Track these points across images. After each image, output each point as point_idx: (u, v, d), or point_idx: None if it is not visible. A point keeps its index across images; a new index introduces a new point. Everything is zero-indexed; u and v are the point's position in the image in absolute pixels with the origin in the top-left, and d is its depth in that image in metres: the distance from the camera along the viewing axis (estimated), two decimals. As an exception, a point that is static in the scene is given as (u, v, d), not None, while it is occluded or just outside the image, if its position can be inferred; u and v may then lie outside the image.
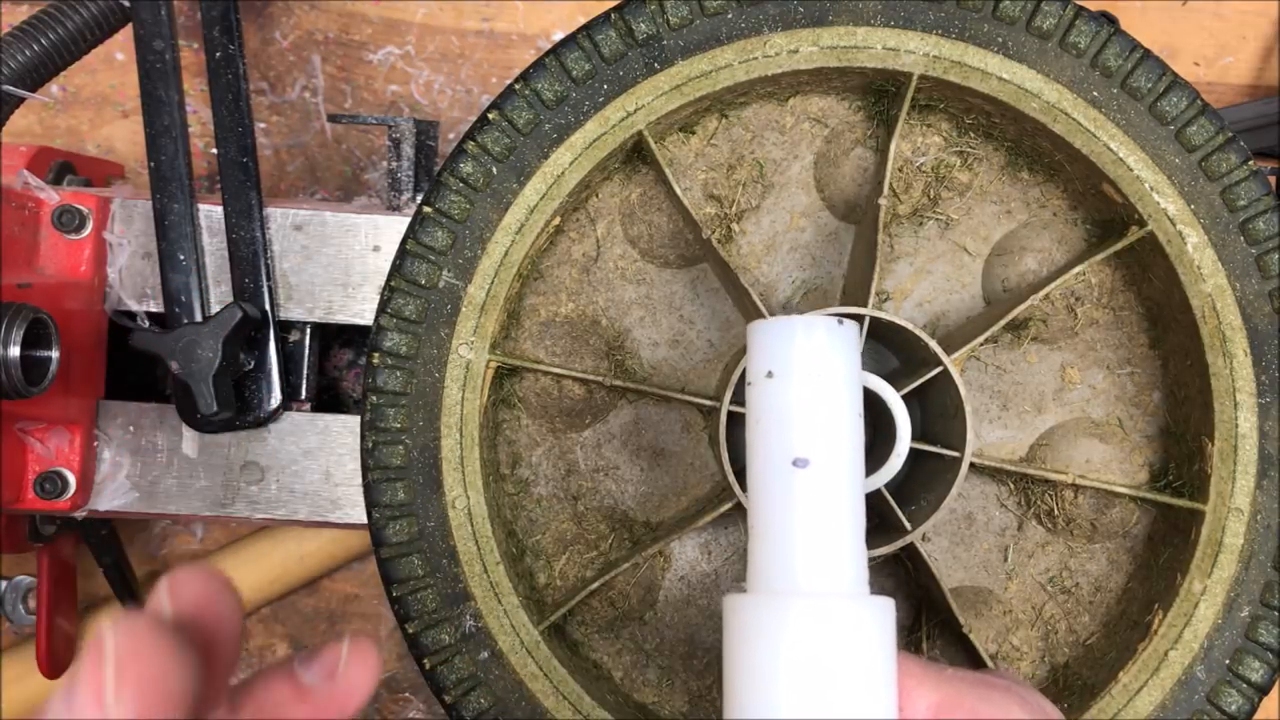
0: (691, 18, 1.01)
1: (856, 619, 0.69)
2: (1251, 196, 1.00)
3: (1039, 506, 1.08)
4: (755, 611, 0.70)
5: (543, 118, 1.01)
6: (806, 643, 0.69)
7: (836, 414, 0.71)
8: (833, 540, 0.70)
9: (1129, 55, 1.01)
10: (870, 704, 0.69)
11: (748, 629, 0.71)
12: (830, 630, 0.69)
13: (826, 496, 0.70)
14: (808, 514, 0.70)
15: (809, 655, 0.68)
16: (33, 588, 1.43)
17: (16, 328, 1.05)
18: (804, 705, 0.68)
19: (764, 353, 0.72)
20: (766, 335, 0.72)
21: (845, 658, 0.69)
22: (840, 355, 0.71)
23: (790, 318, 0.72)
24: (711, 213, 1.08)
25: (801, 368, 0.71)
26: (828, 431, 0.71)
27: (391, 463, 1.01)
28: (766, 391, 0.72)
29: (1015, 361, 1.09)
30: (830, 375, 0.71)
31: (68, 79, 1.56)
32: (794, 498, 0.70)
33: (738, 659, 0.71)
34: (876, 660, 0.70)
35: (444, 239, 1.01)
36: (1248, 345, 1.00)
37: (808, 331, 0.71)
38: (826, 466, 0.70)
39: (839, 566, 0.70)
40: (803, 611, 0.69)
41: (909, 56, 1.01)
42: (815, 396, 0.71)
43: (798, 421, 0.71)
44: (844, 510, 0.71)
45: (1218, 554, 1.00)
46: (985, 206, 1.09)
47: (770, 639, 0.70)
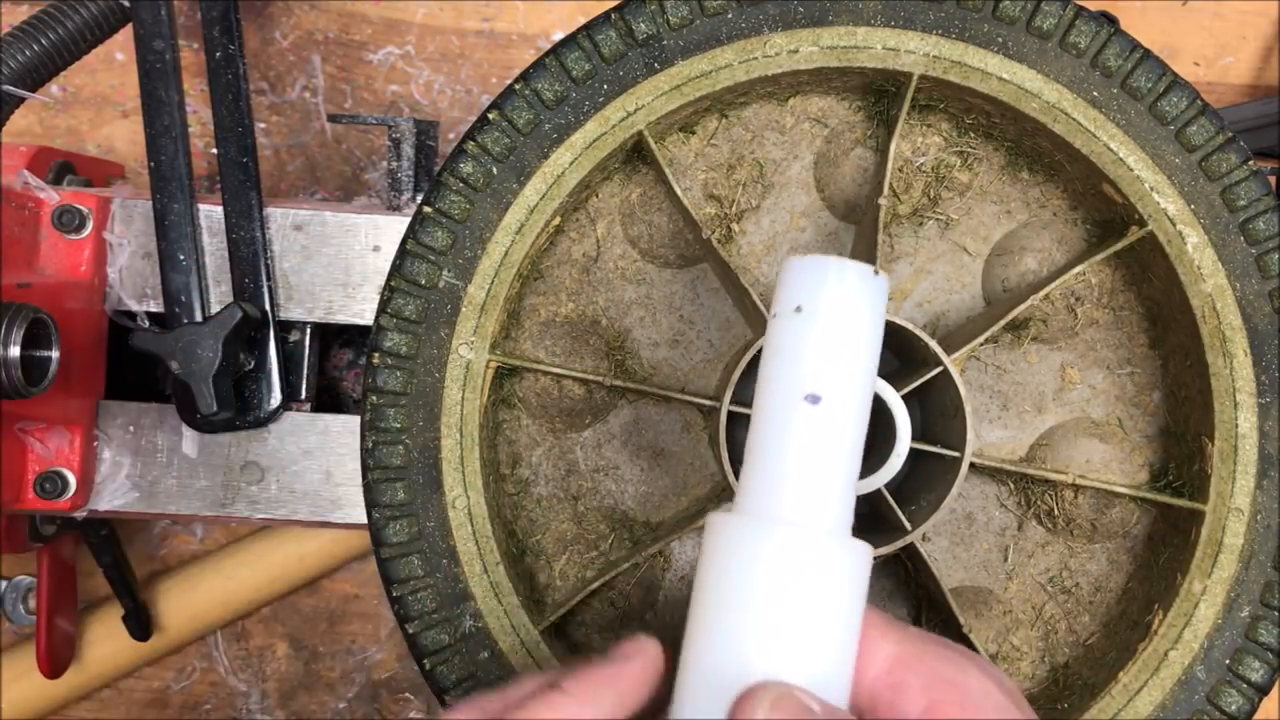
0: (691, 18, 1.01)
1: (834, 556, 0.70)
2: (1251, 196, 1.00)
3: (1039, 506, 1.08)
4: (737, 532, 0.71)
5: (543, 118, 1.01)
6: (781, 570, 0.69)
7: (856, 358, 0.72)
8: (826, 478, 0.71)
9: (1129, 55, 1.01)
10: (832, 639, 0.70)
11: (726, 548, 0.72)
12: (806, 562, 0.70)
13: (830, 435, 0.71)
14: (808, 449, 0.71)
15: (782, 582, 0.69)
16: (33, 588, 1.43)
17: (16, 328, 1.05)
18: (768, 630, 0.69)
19: (796, 288, 0.73)
20: (801, 271, 0.73)
21: (816, 591, 0.70)
22: (869, 302, 0.73)
23: (827, 257, 0.73)
24: (711, 213, 1.08)
25: (830, 307, 0.72)
26: (845, 373, 0.71)
27: (391, 463, 1.01)
28: (792, 325, 0.72)
29: (1015, 361, 1.09)
30: (856, 319, 0.72)
31: (68, 79, 1.57)
32: (798, 431, 0.71)
33: (711, 576, 0.72)
34: (845, 599, 0.71)
35: (444, 239, 1.01)
36: (1248, 345, 1.00)
37: (841, 273, 0.72)
38: (837, 406, 0.71)
39: (827, 504, 0.71)
40: (783, 539, 0.70)
41: (909, 56, 1.01)
42: (839, 337, 0.72)
43: (818, 358, 0.71)
44: (843, 452, 0.72)
45: (1218, 554, 1.00)
46: (985, 206, 1.09)
47: (747, 561, 0.70)
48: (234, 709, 1.61)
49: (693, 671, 0.72)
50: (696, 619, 0.72)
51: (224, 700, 1.61)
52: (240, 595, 1.53)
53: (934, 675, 0.72)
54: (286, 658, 1.60)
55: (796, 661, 0.69)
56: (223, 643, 1.60)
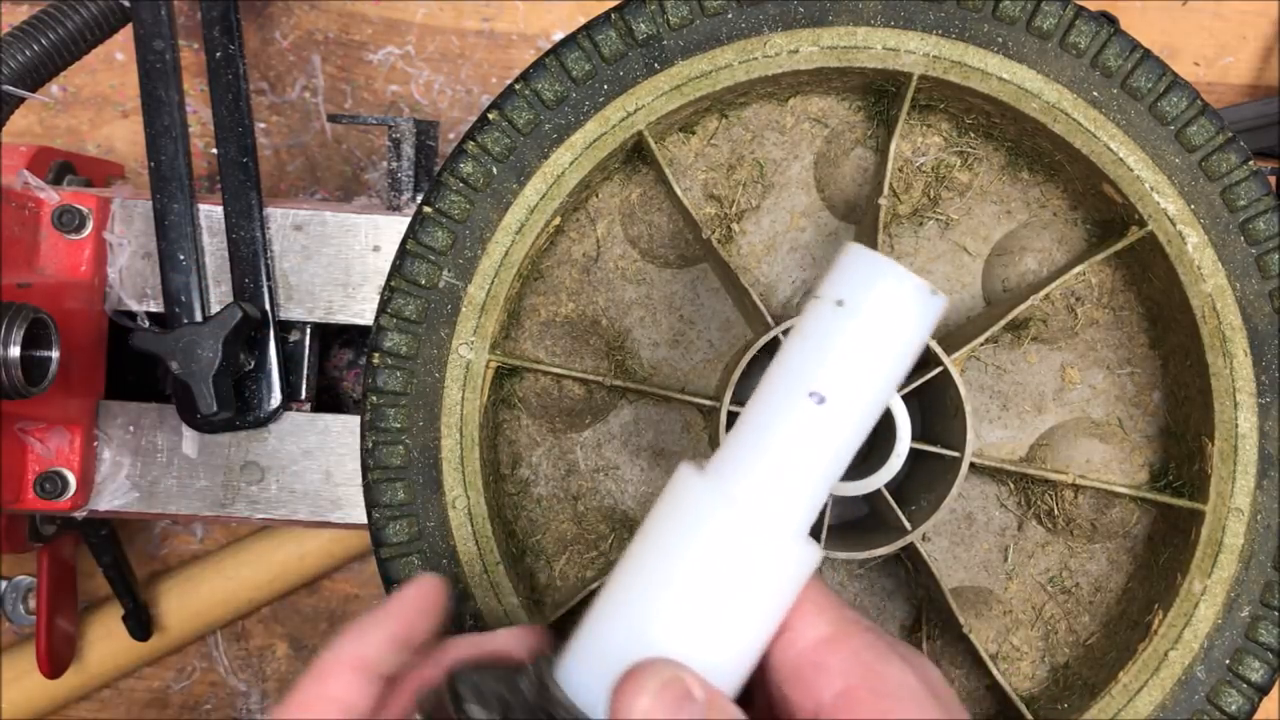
0: (691, 18, 1.01)
1: (775, 552, 0.70)
2: (1251, 196, 1.00)
3: (1039, 506, 1.08)
4: (697, 494, 0.71)
5: (543, 118, 1.01)
6: (718, 548, 0.69)
7: (878, 373, 0.70)
8: (801, 478, 0.70)
9: (1129, 55, 1.01)
10: (743, 633, 0.70)
11: (677, 504, 0.71)
12: (745, 548, 0.69)
13: (822, 440, 0.70)
14: (795, 445, 0.70)
15: (714, 561, 0.69)
16: (33, 588, 1.43)
17: (16, 328, 1.05)
18: (691, 595, 0.69)
19: (847, 280, 0.70)
20: (858, 265, 0.70)
21: (744, 580, 0.69)
22: (915, 321, 0.70)
23: (890, 261, 0.69)
24: (711, 213, 1.08)
25: (872, 314, 0.69)
26: (860, 385, 0.70)
27: (391, 463, 1.01)
28: (826, 315, 0.70)
29: (1015, 361, 1.09)
30: (895, 335, 0.69)
31: (68, 79, 1.57)
32: (791, 425, 0.70)
33: (653, 527, 0.72)
34: (770, 598, 0.70)
35: (444, 239, 1.01)
36: (1248, 345, 1.00)
37: (898, 282, 0.69)
38: (839, 414, 0.69)
39: (791, 503, 0.70)
40: (732, 519, 0.69)
41: (909, 56, 1.01)
42: (869, 347, 0.69)
43: (839, 361, 0.69)
44: (829, 459, 0.70)
45: (1218, 554, 1.00)
46: (985, 206, 1.09)
47: (689, 526, 0.70)
48: (234, 709, 1.61)
49: (594, 626, 0.72)
50: (623, 566, 0.72)
51: (224, 700, 1.61)
52: (240, 595, 1.53)
53: (856, 660, 0.72)
54: (286, 658, 1.60)
55: (698, 644, 0.69)
56: (223, 643, 1.60)
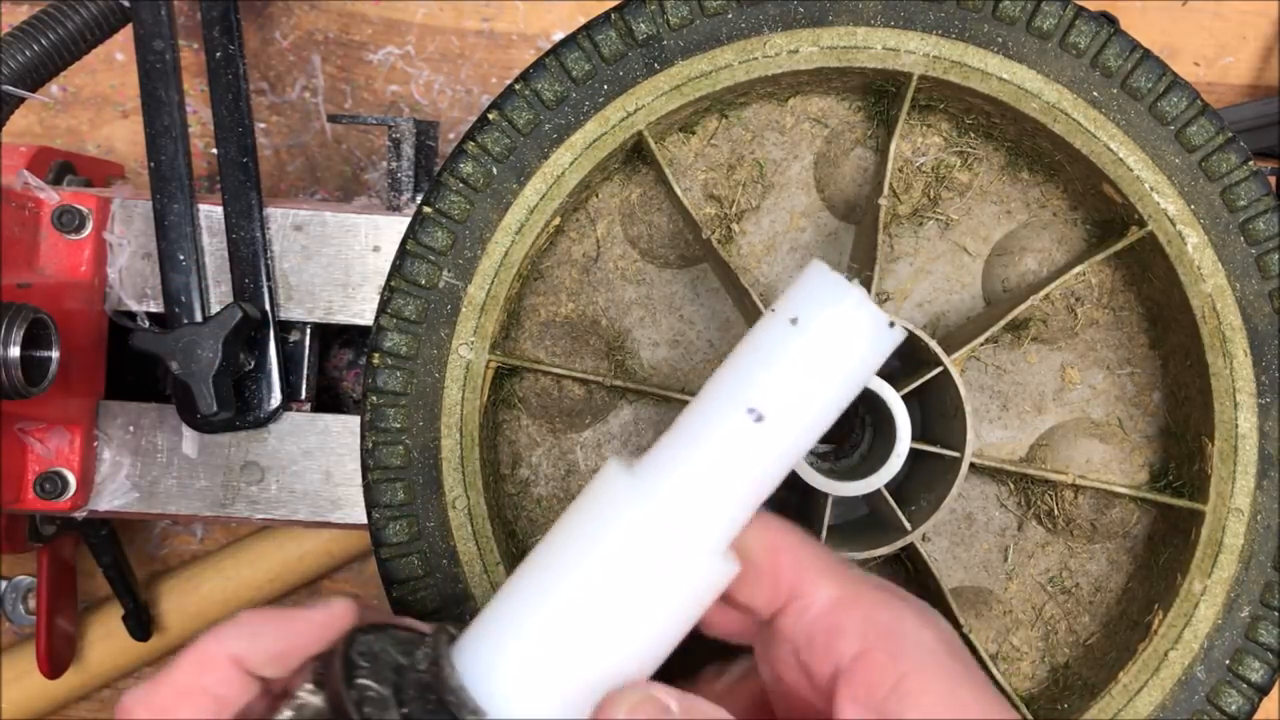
0: (691, 18, 1.01)
1: (683, 562, 0.68)
2: (1251, 197, 1.00)
3: (1039, 507, 1.08)
4: (615, 488, 0.70)
5: (543, 118, 1.01)
6: (627, 545, 0.68)
7: (820, 398, 0.69)
8: (725, 493, 0.69)
9: (1129, 55, 1.01)
10: (645, 629, 0.69)
11: (600, 496, 0.70)
12: (654, 550, 0.68)
13: (753, 458, 0.69)
14: (724, 459, 0.68)
15: (622, 556, 0.68)
16: (33, 588, 1.43)
17: (16, 328, 1.05)
18: (589, 587, 0.68)
19: (803, 298, 0.69)
20: (817, 283, 0.69)
21: (650, 583, 0.68)
22: (866, 349, 0.68)
23: (851, 285, 0.68)
24: (711, 213, 1.08)
25: (823, 337, 0.68)
26: (801, 408, 0.68)
27: (391, 463, 1.01)
28: (776, 331, 0.69)
29: (1015, 362, 1.09)
30: (844, 361, 0.68)
31: (68, 79, 1.56)
32: (723, 437, 0.68)
33: (575, 513, 0.71)
34: (674, 604, 0.69)
35: (444, 239, 1.01)
36: (1248, 345, 1.00)
37: (856, 308, 0.68)
38: (773, 434, 0.68)
39: (710, 515, 0.69)
40: (644, 520, 0.68)
41: (909, 57, 1.01)
42: (814, 369, 0.68)
43: (782, 380, 0.68)
44: (757, 478, 0.69)
45: (1218, 554, 1.00)
46: (985, 206, 1.09)
47: (606, 517, 0.69)
48: (234, 709, 1.61)
49: (496, 604, 0.72)
50: (538, 549, 0.71)
51: (224, 700, 1.61)
52: (240, 595, 1.52)
53: (870, 620, 0.71)
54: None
55: (589, 637, 0.68)
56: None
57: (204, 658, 0.77)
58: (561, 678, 0.69)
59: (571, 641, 0.69)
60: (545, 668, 0.69)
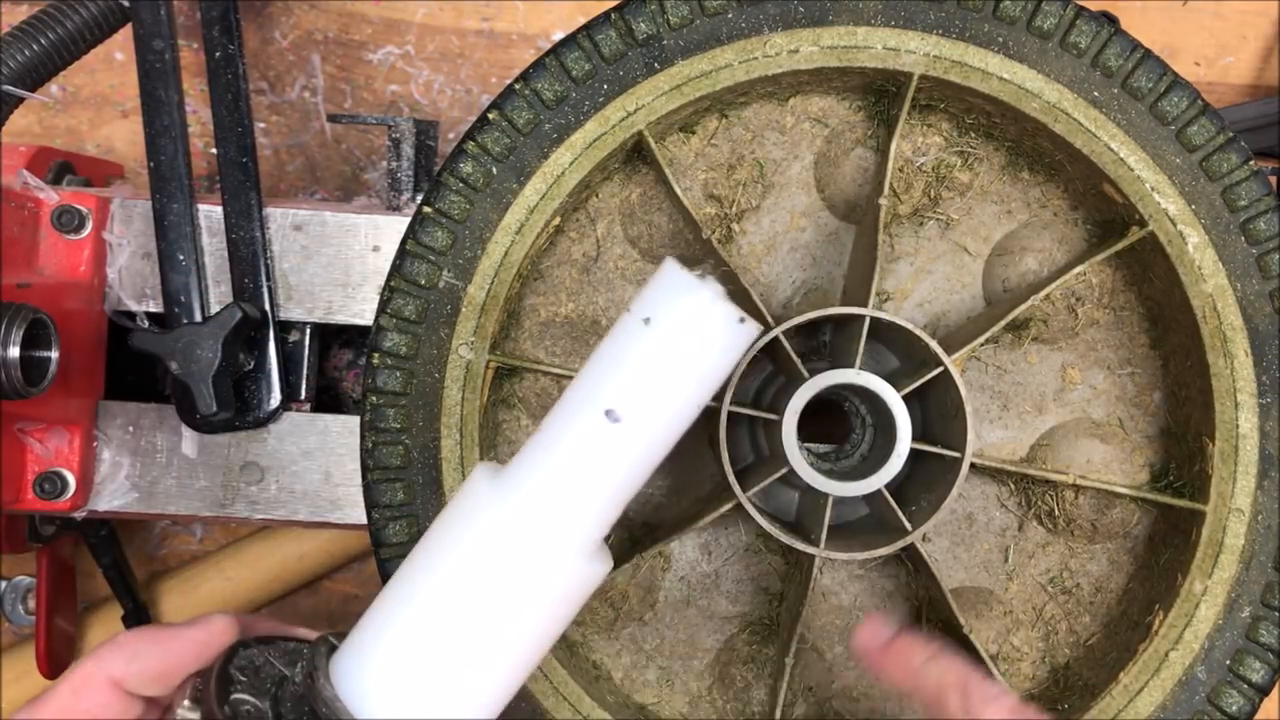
0: (691, 17, 1.01)
1: (544, 560, 0.69)
2: (1252, 196, 1.00)
3: (1039, 507, 1.08)
4: (479, 491, 0.71)
5: (543, 118, 1.01)
6: (488, 545, 0.69)
7: (674, 393, 0.69)
8: (585, 492, 0.70)
9: (1129, 55, 1.00)
10: (510, 629, 0.70)
11: (465, 499, 0.72)
12: (515, 549, 0.69)
13: (612, 457, 0.69)
14: (583, 459, 0.69)
15: (484, 556, 0.69)
16: (32, 588, 1.43)
17: (16, 328, 1.05)
18: (453, 588, 0.70)
19: (656, 298, 0.69)
20: (668, 283, 0.69)
21: (513, 582, 0.69)
22: (719, 347, 0.69)
23: (704, 283, 0.68)
24: (711, 213, 1.08)
25: (674, 336, 0.68)
26: (656, 407, 0.69)
27: (391, 463, 1.01)
28: (630, 332, 0.69)
29: (1016, 362, 1.09)
30: (697, 360, 0.69)
31: (67, 79, 1.56)
32: (581, 438, 0.69)
33: (443, 519, 0.72)
34: (539, 602, 0.70)
35: (444, 239, 1.01)
36: (1248, 345, 1.00)
37: (704, 305, 0.68)
38: (630, 433, 0.69)
39: (571, 514, 0.70)
40: (503, 519, 0.69)
41: (909, 56, 1.01)
42: (666, 369, 0.68)
43: (637, 380, 0.69)
44: (616, 476, 0.70)
45: (1218, 554, 1.00)
46: (986, 206, 1.09)
47: (468, 519, 0.71)
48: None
49: (370, 611, 0.73)
50: (410, 555, 0.73)
51: (224, 700, 1.61)
52: (240, 595, 1.52)
53: None
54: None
55: (451, 638, 0.69)
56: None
57: (83, 680, 0.79)
58: (426, 678, 0.69)
59: (433, 642, 0.69)
60: (410, 670, 0.70)
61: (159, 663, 0.81)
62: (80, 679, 0.79)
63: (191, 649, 0.81)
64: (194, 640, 0.82)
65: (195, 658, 0.81)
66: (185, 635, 0.82)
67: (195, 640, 0.82)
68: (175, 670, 0.81)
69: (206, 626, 0.82)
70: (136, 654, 0.80)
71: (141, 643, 0.81)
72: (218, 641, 0.82)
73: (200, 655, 0.81)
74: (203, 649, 0.81)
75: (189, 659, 0.81)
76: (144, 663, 0.80)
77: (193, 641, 0.82)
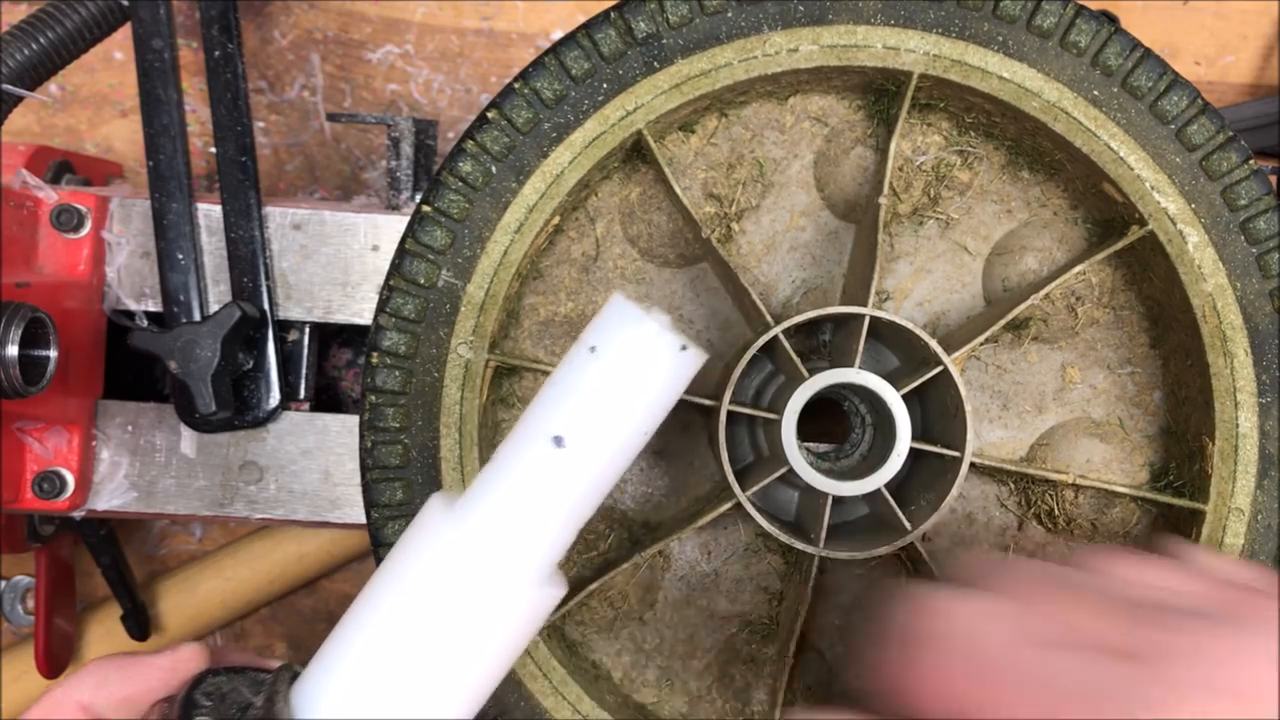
0: (691, 16, 1.01)
1: (496, 587, 0.70)
2: (1252, 196, 1.00)
3: (1039, 506, 1.07)
4: (433, 519, 0.71)
5: (542, 116, 1.01)
6: (441, 574, 0.69)
7: (619, 421, 0.70)
8: (535, 519, 0.70)
9: (1129, 54, 1.00)
10: (463, 658, 0.70)
11: (420, 528, 0.72)
12: (466, 576, 0.69)
13: (558, 483, 0.70)
14: (530, 485, 0.70)
15: (437, 585, 0.69)
16: (31, 588, 1.43)
17: (15, 327, 1.05)
18: (406, 616, 0.69)
19: (602, 328, 0.70)
20: (613, 314, 0.70)
21: (466, 610, 0.69)
22: (661, 373, 0.70)
23: (648, 316, 0.69)
24: (711, 212, 1.08)
25: (617, 367, 0.69)
26: (601, 434, 0.69)
27: (390, 462, 1.01)
28: (578, 361, 0.70)
29: (1016, 361, 1.09)
30: (640, 389, 0.70)
31: (66, 78, 1.56)
32: (529, 464, 0.70)
33: (400, 546, 0.72)
34: (492, 630, 0.70)
35: (443, 238, 1.00)
36: (1248, 345, 1.00)
37: (646, 334, 0.69)
38: (576, 460, 0.69)
39: (522, 541, 0.70)
40: (455, 546, 0.69)
41: (909, 55, 1.01)
42: (611, 395, 0.69)
43: (581, 408, 0.69)
44: (566, 503, 0.70)
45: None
46: (985, 206, 1.08)
47: (423, 547, 0.71)
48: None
49: (331, 638, 0.72)
50: (369, 582, 0.72)
51: (223, 700, 1.61)
52: (239, 595, 1.52)
53: None
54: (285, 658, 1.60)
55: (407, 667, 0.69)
56: (221, 643, 1.60)
57: (53, 705, 0.83)
58: (379, 701, 0.70)
59: (385, 667, 0.70)
60: (363, 694, 0.70)
61: (126, 688, 0.84)
62: (51, 703, 0.83)
63: (159, 675, 0.85)
64: (161, 668, 0.85)
65: (163, 684, 0.84)
66: (152, 663, 0.86)
67: (162, 668, 0.85)
68: (142, 696, 0.84)
69: (174, 654, 0.86)
70: (105, 680, 0.84)
71: (109, 669, 0.85)
72: (185, 669, 0.85)
73: (168, 682, 0.84)
74: (170, 676, 0.85)
75: (156, 685, 0.84)
76: (112, 688, 0.84)
77: (160, 669, 0.85)
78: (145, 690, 0.84)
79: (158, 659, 0.85)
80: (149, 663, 0.85)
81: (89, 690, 0.83)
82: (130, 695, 0.84)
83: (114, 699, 0.83)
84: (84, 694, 0.83)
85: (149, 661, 0.85)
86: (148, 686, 0.84)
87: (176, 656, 0.86)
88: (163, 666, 0.85)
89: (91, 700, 0.83)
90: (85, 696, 0.83)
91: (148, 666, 0.85)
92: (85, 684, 0.84)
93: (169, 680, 0.84)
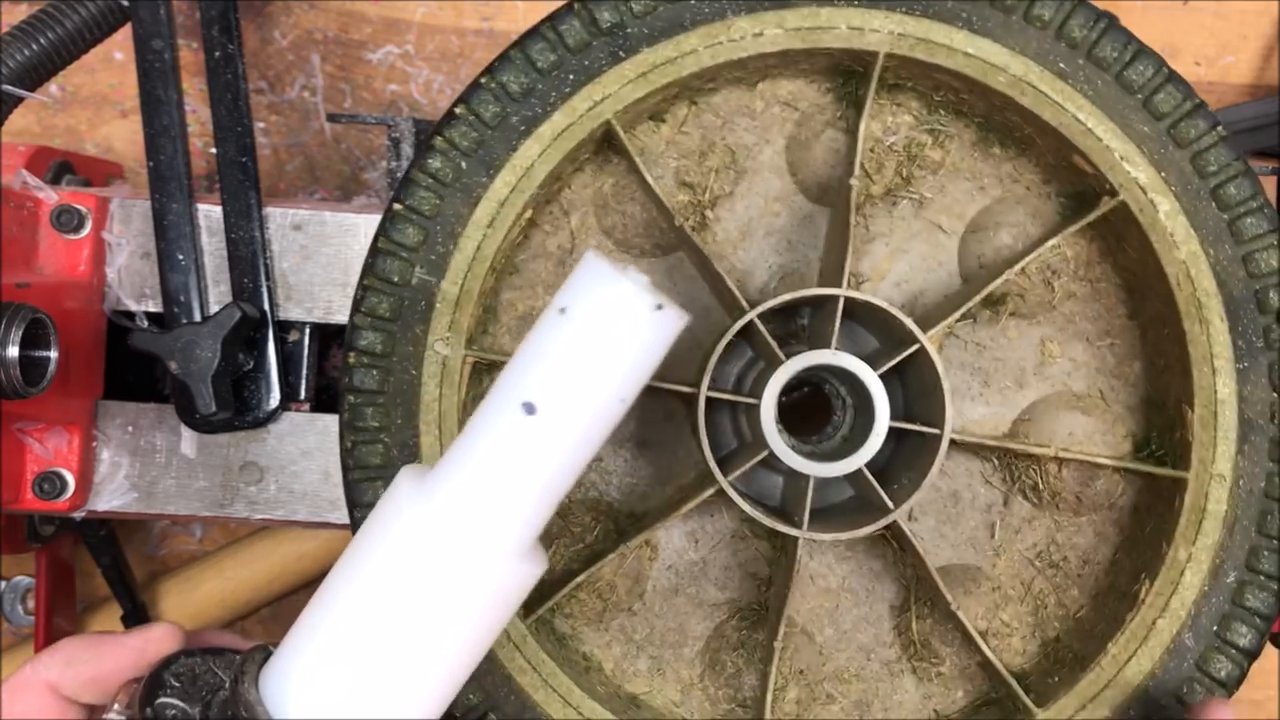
0: (655, 4, 1.01)
1: (469, 560, 0.69)
2: (1221, 162, 0.99)
3: (1024, 482, 1.07)
4: (402, 493, 0.70)
5: (510, 110, 1.02)
6: (411, 548, 0.69)
7: (593, 384, 0.68)
8: (508, 489, 0.69)
9: (1093, 25, 1.00)
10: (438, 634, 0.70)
11: (389, 502, 0.71)
12: (437, 549, 0.69)
13: (532, 452, 0.68)
14: (501, 455, 0.69)
15: (407, 558, 0.69)
16: (31, 588, 1.45)
17: (15, 328, 1.06)
18: (373, 598, 0.69)
19: (573, 288, 0.69)
20: (585, 273, 0.69)
21: (439, 583, 0.69)
22: (637, 334, 0.68)
23: (623, 273, 0.67)
24: (685, 200, 1.08)
25: (588, 326, 0.68)
26: (574, 399, 0.68)
27: (371, 462, 1.01)
28: (549, 324, 0.69)
29: (995, 337, 1.08)
30: (613, 349, 0.68)
31: (66, 78, 1.58)
32: (500, 434, 0.69)
33: (368, 523, 0.72)
34: (466, 604, 0.69)
35: (415, 235, 1.01)
36: (1223, 311, 0.99)
37: (619, 292, 0.67)
38: (548, 426, 0.68)
39: (496, 513, 0.69)
40: (425, 519, 0.69)
41: (874, 35, 1.01)
42: (582, 357, 0.68)
43: (552, 371, 0.68)
44: (541, 472, 0.69)
45: (1201, 520, 1.00)
46: (958, 184, 1.08)
47: (392, 522, 0.70)
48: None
49: (300, 617, 0.73)
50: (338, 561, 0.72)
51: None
52: (239, 596, 1.53)
53: None
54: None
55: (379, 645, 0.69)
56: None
57: (20, 684, 0.83)
58: (347, 680, 0.69)
59: (353, 645, 0.69)
60: (331, 673, 0.70)
61: (94, 668, 0.83)
62: (18, 682, 0.83)
63: (128, 656, 0.84)
64: (131, 648, 0.85)
65: (132, 664, 0.84)
66: (122, 642, 0.85)
67: (132, 648, 0.85)
68: (110, 676, 0.83)
69: (145, 634, 0.85)
70: (72, 659, 0.83)
71: (77, 648, 0.84)
72: (155, 649, 0.84)
73: (137, 662, 0.84)
74: (140, 656, 0.84)
75: (125, 665, 0.84)
76: (79, 668, 0.83)
77: (130, 649, 0.84)
78: (114, 670, 0.84)
79: (128, 638, 0.85)
80: (119, 642, 0.85)
81: (56, 669, 0.83)
82: (98, 675, 0.83)
83: (82, 678, 0.83)
84: (51, 673, 0.83)
85: (119, 641, 0.85)
86: (117, 666, 0.84)
87: (147, 636, 0.85)
88: (133, 647, 0.84)
89: (59, 679, 0.83)
90: (53, 675, 0.83)
91: (117, 646, 0.84)
92: (53, 662, 0.83)
93: (139, 661, 0.84)
